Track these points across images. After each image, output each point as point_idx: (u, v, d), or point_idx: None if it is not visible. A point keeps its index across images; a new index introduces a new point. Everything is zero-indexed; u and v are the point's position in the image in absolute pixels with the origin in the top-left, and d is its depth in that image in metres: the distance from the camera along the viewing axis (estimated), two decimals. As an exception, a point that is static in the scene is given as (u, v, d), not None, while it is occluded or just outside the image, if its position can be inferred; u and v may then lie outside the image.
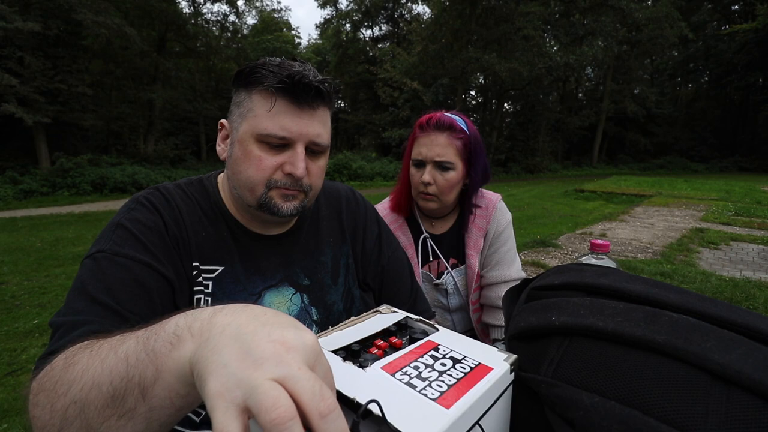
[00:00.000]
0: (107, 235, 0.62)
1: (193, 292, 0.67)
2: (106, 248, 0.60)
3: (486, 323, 1.23)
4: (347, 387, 0.40)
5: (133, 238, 0.62)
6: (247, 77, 0.66)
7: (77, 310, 0.54)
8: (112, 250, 0.60)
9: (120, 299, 0.56)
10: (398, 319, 0.57)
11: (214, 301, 0.69)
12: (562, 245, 5.32)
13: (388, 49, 25.36)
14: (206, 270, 0.69)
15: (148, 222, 0.65)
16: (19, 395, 2.18)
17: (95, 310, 0.54)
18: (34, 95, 11.43)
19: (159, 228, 0.65)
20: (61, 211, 8.52)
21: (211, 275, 0.69)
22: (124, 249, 0.60)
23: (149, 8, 15.44)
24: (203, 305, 0.67)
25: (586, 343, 0.42)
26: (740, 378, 0.33)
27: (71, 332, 0.51)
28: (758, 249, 5.16)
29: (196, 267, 0.68)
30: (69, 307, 0.56)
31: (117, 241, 0.61)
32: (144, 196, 0.69)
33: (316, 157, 0.71)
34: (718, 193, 10.82)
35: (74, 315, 0.54)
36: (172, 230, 0.67)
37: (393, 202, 1.24)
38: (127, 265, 0.59)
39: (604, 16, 19.83)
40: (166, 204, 0.69)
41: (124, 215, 0.65)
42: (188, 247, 0.68)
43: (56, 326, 0.54)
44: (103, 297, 0.55)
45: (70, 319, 0.53)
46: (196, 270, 0.68)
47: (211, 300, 0.69)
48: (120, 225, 0.63)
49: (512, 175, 20.15)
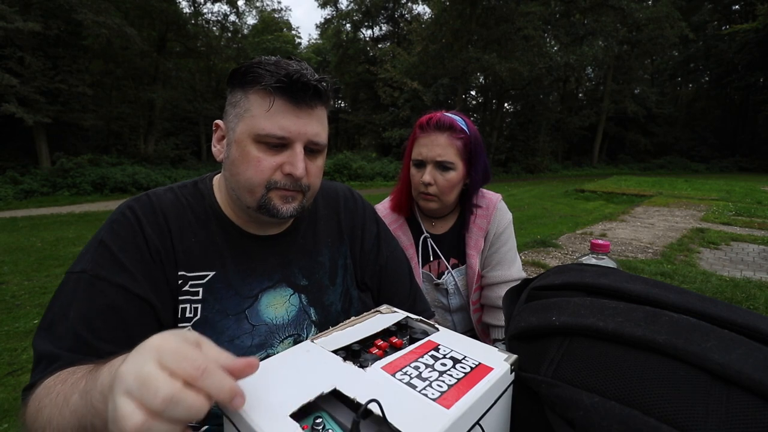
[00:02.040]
0: (90, 253, 0.65)
1: (177, 302, 0.68)
2: (88, 269, 0.63)
3: (486, 323, 1.23)
4: (347, 387, 0.40)
5: (112, 258, 0.64)
6: (243, 77, 0.65)
7: (58, 336, 0.59)
8: (93, 272, 0.62)
9: (95, 328, 0.60)
10: (398, 319, 0.57)
11: (205, 307, 0.69)
12: (563, 245, 5.32)
13: (389, 49, 25.32)
14: (195, 277, 0.69)
15: (128, 237, 0.66)
16: (19, 395, 2.18)
17: (72, 345, 0.59)
18: (34, 95, 11.43)
19: (138, 244, 0.66)
20: (61, 211, 8.52)
21: (200, 281, 0.69)
22: (103, 271, 0.63)
23: (149, 8, 15.43)
24: (190, 314, 0.68)
25: (587, 343, 0.42)
26: (740, 378, 0.33)
27: (49, 367, 0.56)
28: (759, 249, 5.16)
29: (182, 276, 0.68)
30: (51, 330, 0.60)
31: (98, 260, 0.63)
32: (129, 205, 0.69)
33: (315, 157, 0.71)
34: (718, 193, 10.81)
35: (54, 343, 0.59)
36: (153, 243, 0.66)
37: (393, 202, 1.24)
38: (104, 290, 0.62)
39: (604, 16, 19.81)
40: (150, 213, 0.69)
41: (107, 229, 0.66)
42: (172, 257, 0.68)
43: (38, 356, 0.59)
44: (81, 330, 0.59)
45: (50, 351, 0.58)
46: (182, 279, 0.68)
47: (201, 307, 0.68)
48: (102, 243, 0.65)
49: (512, 175, 20.14)
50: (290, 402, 0.37)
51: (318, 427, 0.37)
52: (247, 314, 0.71)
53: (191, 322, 0.68)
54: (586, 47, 19.08)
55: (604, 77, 25.51)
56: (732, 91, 28.61)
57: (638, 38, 23.11)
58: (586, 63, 20.29)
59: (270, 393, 0.39)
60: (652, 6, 21.82)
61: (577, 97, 28.67)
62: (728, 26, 24.60)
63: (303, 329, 0.76)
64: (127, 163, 13.38)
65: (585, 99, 29.08)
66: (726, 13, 28.06)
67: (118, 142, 16.36)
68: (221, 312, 0.69)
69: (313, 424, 0.37)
